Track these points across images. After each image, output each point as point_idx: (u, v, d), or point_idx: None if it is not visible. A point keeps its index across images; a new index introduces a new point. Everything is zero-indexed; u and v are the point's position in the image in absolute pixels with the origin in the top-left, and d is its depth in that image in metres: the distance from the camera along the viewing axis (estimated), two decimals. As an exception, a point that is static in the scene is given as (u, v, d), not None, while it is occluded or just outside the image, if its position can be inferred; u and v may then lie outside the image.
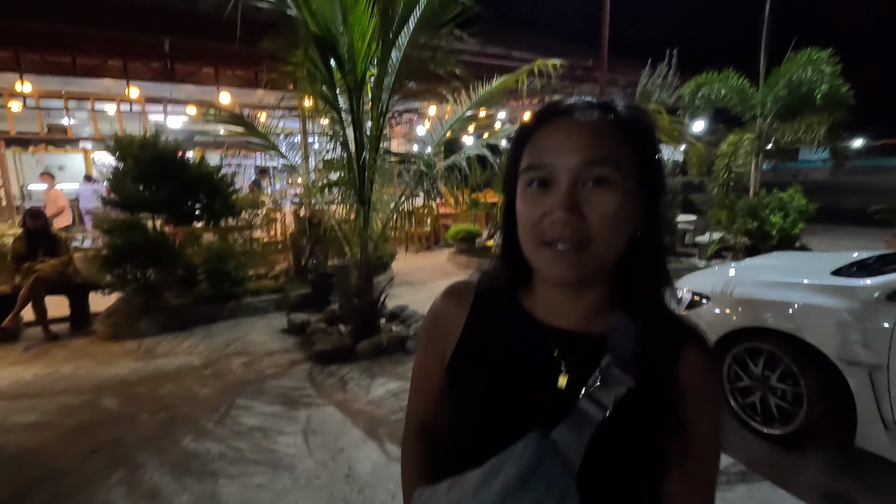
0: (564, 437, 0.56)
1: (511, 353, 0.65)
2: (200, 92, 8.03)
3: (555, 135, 0.58)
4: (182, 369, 3.81)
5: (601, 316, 0.62)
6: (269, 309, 5.31)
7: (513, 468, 0.54)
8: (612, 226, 0.55)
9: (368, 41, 3.62)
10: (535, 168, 0.58)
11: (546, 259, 0.58)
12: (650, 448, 0.59)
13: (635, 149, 0.58)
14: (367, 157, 3.93)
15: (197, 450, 2.69)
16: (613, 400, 0.57)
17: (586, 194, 0.56)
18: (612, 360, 0.58)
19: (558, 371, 0.62)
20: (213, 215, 5.26)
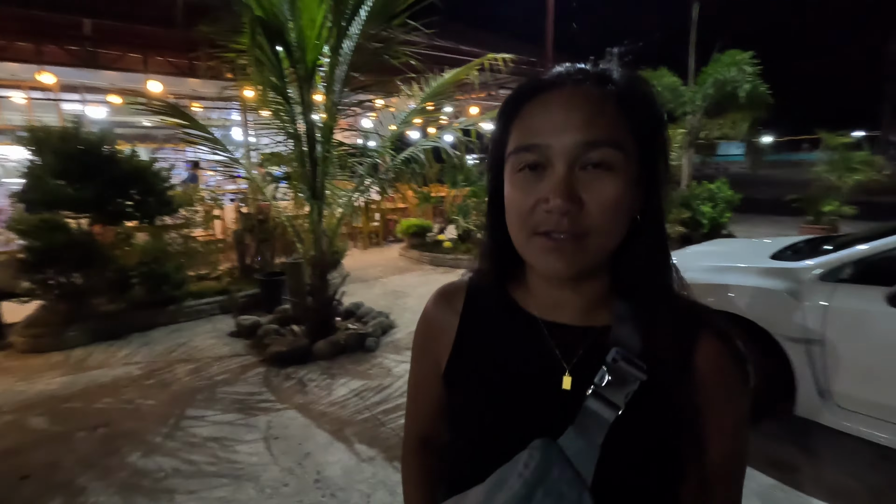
0: (573, 443, 0.51)
1: (509, 355, 0.60)
2: (126, 80, 7.38)
3: (548, 110, 0.51)
4: (120, 381, 3.51)
5: (603, 308, 0.57)
6: (214, 312, 5.01)
7: (517, 481, 0.49)
8: (612, 214, 0.50)
9: (319, 29, 3.47)
10: (526, 149, 0.52)
11: (540, 252, 0.51)
12: (669, 449, 0.54)
13: (638, 125, 0.51)
14: (319, 150, 3.79)
15: (147, 466, 2.49)
16: (625, 397, 0.51)
17: (585, 179, 0.49)
18: (618, 353, 0.53)
19: (561, 371, 0.56)
20: (148, 213, 4.86)
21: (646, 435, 0.53)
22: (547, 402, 0.56)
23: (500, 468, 0.52)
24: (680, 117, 7.88)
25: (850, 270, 2.29)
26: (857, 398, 2.23)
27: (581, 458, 0.50)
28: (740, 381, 0.55)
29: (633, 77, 0.54)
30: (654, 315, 0.55)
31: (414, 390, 0.74)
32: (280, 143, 4.03)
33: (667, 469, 0.54)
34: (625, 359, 0.52)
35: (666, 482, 0.55)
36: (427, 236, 8.22)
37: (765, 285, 2.52)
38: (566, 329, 0.58)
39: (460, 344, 0.64)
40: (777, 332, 2.44)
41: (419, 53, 3.98)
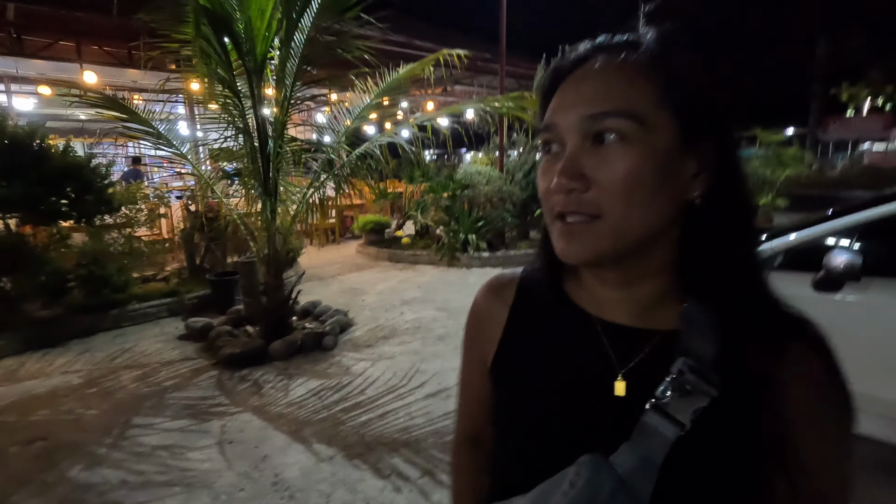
0: (628, 462, 0.44)
1: (558, 353, 0.55)
2: (57, 69, 6.88)
3: (564, 89, 0.48)
4: (59, 391, 3.30)
5: (667, 309, 0.50)
6: (162, 314, 4.78)
7: (562, 500, 0.44)
8: (627, 192, 0.44)
9: (269, 20, 3.37)
10: (544, 129, 0.50)
11: (556, 236, 0.48)
12: (742, 478, 0.46)
13: (669, 88, 0.45)
14: (271, 146, 3.68)
15: (91, 480, 2.36)
16: (692, 415, 0.44)
17: (593, 154, 0.45)
18: (686, 363, 0.46)
19: (615, 375, 0.51)
20: (85, 212, 4.57)
21: (714, 459, 0.46)
22: (597, 407, 0.51)
23: (543, 482, 0.47)
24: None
25: (782, 258, 2.46)
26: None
27: (636, 480, 0.44)
28: (839, 407, 0.47)
29: (671, 37, 0.47)
30: (734, 321, 0.47)
31: (462, 385, 0.70)
32: (229, 139, 3.88)
33: (739, 498, 0.47)
34: (693, 370, 0.45)
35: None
36: (385, 233, 8.16)
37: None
38: (623, 330, 0.52)
39: (508, 338, 0.60)
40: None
41: (374, 48, 3.94)
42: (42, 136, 4.21)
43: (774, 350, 0.47)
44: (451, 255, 6.61)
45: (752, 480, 0.47)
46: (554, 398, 0.54)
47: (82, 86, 5.46)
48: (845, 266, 2.06)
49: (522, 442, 0.55)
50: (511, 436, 0.57)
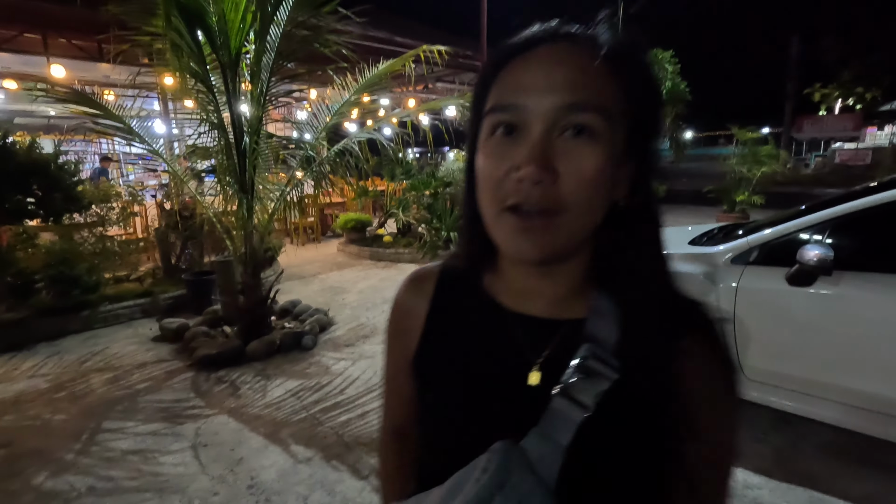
0: (537, 446, 0.46)
1: (475, 347, 0.56)
2: (22, 63, 6.63)
3: (530, 68, 0.45)
4: (25, 396, 3.18)
5: (579, 299, 0.52)
6: (136, 315, 4.66)
7: (473, 487, 0.44)
8: (590, 190, 0.44)
9: (243, 12, 3.29)
10: (501, 109, 0.46)
11: (508, 231, 0.46)
12: (643, 455, 0.49)
13: (629, 94, 0.46)
14: (247, 142, 3.60)
15: (56, 487, 2.27)
16: (595, 397, 0.46)
17: (563, 147, 0.44)
18: (589, 349, 0.48)
19: (528, 367, 0.52)
20: (53, 211, 4.42)
21: (617, 439, 0.49)
22: (513, 398, 0.52)
23: (458, 472, 0.48)
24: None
25: (757, 253, 2.49)
26: (764, 370, 2.44)
27: (545, 463, 0.46)
28: (727, 391, 0.51)
29: (629, 40, 0.48)
30: (635, 309, 0.49)
31: (386, 380, 0.70)
32: (204, 134, 3.79)
33: (639, 476, 0.50)
34: (596, 355, 0.48)
35: (637, 490, 0.50)
36: (367, 231, 8.09)
37: (683, 269, 2.69)
38: (537, 321, 0.53)
39: (428, 333, 0.60)
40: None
41: (353, 43, 3.89)
42: (5, 132, 4.05)
43: (672, 336, 0.49)
44: (433, 252, 6.58)
45: (655, 460, 0.49)
46: (471, 392, 0.54)
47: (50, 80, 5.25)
48: (818, 260, 2.09)
49: (442, 436, 0.56)
50: (431, 430, 0.58)
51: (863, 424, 2.17)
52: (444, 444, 0.55)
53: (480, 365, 0.55)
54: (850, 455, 2.34)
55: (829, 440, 2.43)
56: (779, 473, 2.24)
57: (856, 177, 14.15)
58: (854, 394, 2.19)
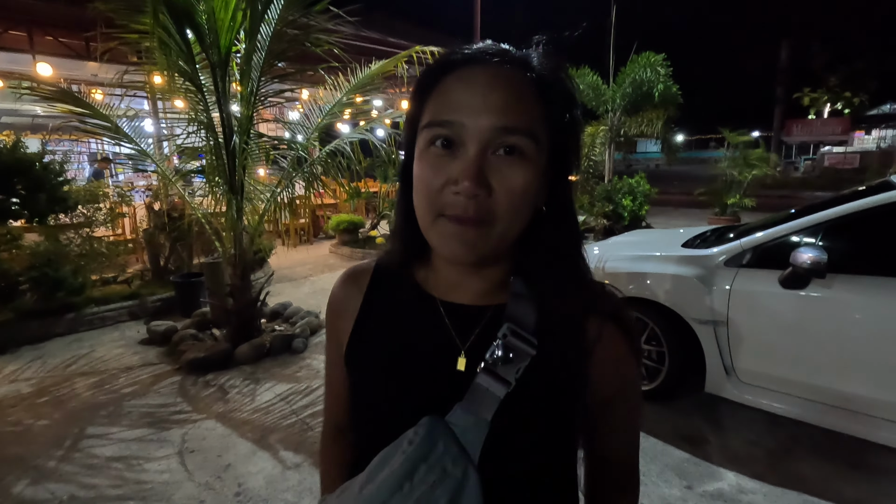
0: (461, 419, 0.50)
1: (406, 336, 0.59)
2: (8, 61, 6.50)
3: (467, 87, 0.49)
4: (5, 400, 3.10)
5: (502, 289, 0.57)
6: (123, 318, 4.57)
7: (399, 458, 0.48)
8: (519, 203, 0.49)
9: (233, 11, 3.24)
10: (439, 125, 0.49)
11: (444, 235, 0.50)
12: (560, 426, 0.54)
13: (554, 116, 0.51)
14: (237, 142, 3.55)
15: (36, 495, 2.20)
16: (516, 373, 0.51)
17: (496, 165, 0.48)
18: (509, 328, 0.52)
19: (457, 352, 0.56)
20: (37, 211, 4.33)
21: (536, 411, 0.53)
22: (442, 383, 0.55)
23: (385, 448, 0.51)
24: (602, 115, 8.29)
25: (750, 256, 2.49)
26: (757, 373, 2.44)
27: (469, 435, 0.50)
28: (632, 363, 0.58)
29: (556, 66, 0.52)
30: (550, 292, 0.54)
31: (327, 376, 0.71)
32: (192, 134, 3.73)
33: (558, 445, 0.55)
34: (514, 334, 0.52)
35: (557, 459, 0.56)
36: (359, 232, 8.04)
37: (676, 272, 2.68)
38: (463, 309, 0.57)
39: (360, 325, 0.63)
40: (688, 316, 2.60)
41: (345, 43, 3.85)
42: (-11, 131, 3.96)
43: (582, 317, 0.55)
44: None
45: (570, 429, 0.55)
46: (402, 379, 0.57)
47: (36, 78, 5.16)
48: (812, 263, 2.09)
49: (375, 423, 0.58)
50: (364, 420, 0.61)
51: (855, 427, 2.17)
52: (377, 429, 0.56)
53: (411, 352, 0.58)
54: (843, 458, 2.33)
55: (821, 443, 2.43)
56: (772, 477, 2.23)
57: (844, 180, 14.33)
58: (846, 397, 2.18)
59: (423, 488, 0.46)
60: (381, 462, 0.50)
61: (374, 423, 0.58)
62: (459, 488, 0.47)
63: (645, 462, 2.37)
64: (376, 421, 0.58)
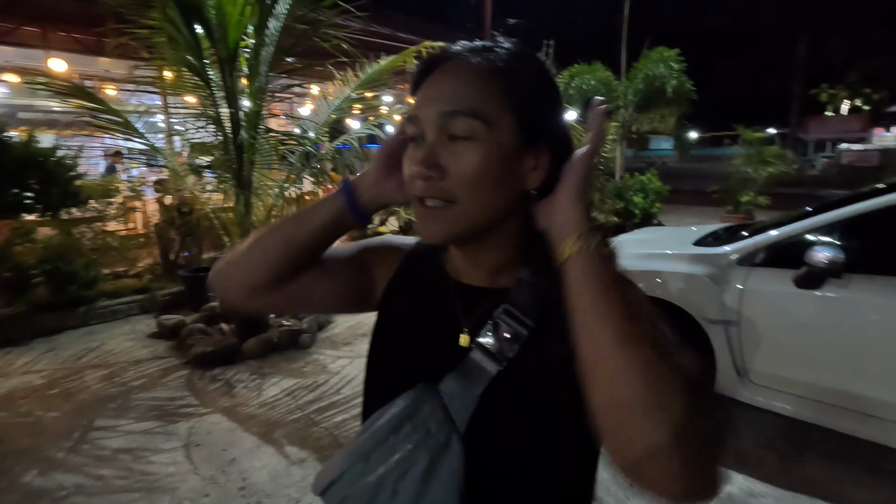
0: (451, 388, 0.53)
1: (421, 312, 0.64)
2: (22, 56, 6.59)
3: (426, 85, 0.54)
4: (17, 392, 3.15)
5: (509, 272, 0.59)
6: (133, 312, 4.62)
7: (388, 415, 0.52)
8: (475, 184, 0.51)
9: (241, 6, 3.23)
10: (409, 121, 0.54)
11: (417, 216, 0.54)
12: (548, 408, 0.53)
13: (516, 99, 0.51)
14: (245, 137, 3.55)
15: (45, 485, 2.23)
16: (509, 352, 0.53)
17: (450, 148, 0.51)
18: (505, 309, 0.55)
19: (461, 329, 0.59)
20: (50, 205, 4.39)
21: (528, 391, 0.54)
22: (444, 358, 0.57)
23: (379, 409, 0.54)
24: (613, 111, 8.18)
25: (763, 255, 2.43)
26: (769, 374, 2.38)
27: (457, 404, 0.53)
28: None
29: (518, 52, 0.55)
30: (549, 279, 0.54)
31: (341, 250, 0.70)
32: (202, 129, 3.74)
33: (551, 429, 0.53)
34: (510, 314, 0.55)
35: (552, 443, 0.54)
36: (368, 228, 8.04)
37: (688, 271, 2.62)
38: (472, 289, 0.60)
39: (384, 303, 0.67)
40: (699, 315, 2.55)
41: (355, 39, 3.82)
42: (2, 126, 4.02)
43: None
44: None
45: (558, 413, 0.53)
46: (411, 352, 0.62)
47: (50, 74, 5.22)
48: (828, 262, 2.03)
49: (383, 391, 0.59)
50: (375, 391, 0.63)
51: (870, 432, 2.11)
52: (385, 395, 0.58)
53: (423, 327, 0.62)
54: (857, 463, 2.28)
55: (835, 447, 2.37)
56: (783, 481, 2.18)
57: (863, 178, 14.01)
58: (862, 400, 2.12)
59: (406, 445, 0.50)
60: (373, 419, 0.54)
61: (383, 390, 0.60)
62: (440, 451, 0.50)
63: (652, 463, 2.33)
64: (385, 387, 0.60)
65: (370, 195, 0.62)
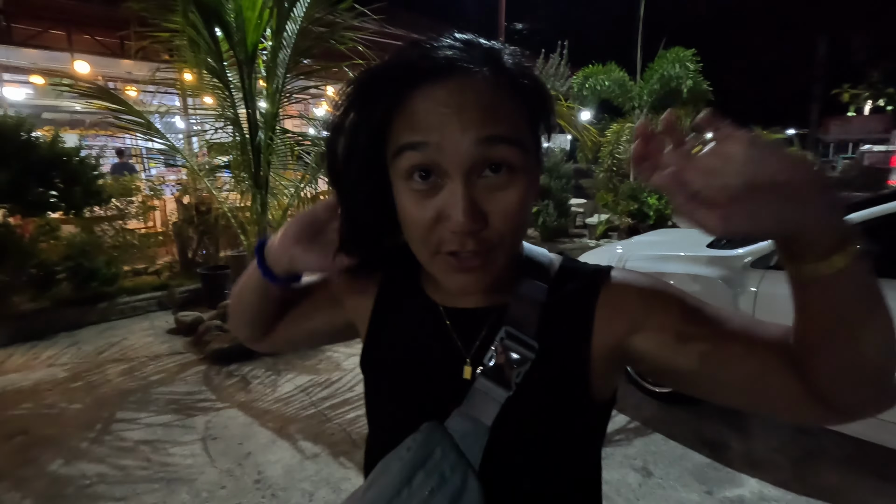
0: (460, 426, 0.49)
1: (413, 344, 0.58)
2: (48, 59, 6.78)
3: (437, 105, 0.43)
4: (42, 384, 3.25)
5: (503, 287, 0.54)
6: (152, 308, 4.74)
7: (397, 464, 0.48)
8: (518, 220, 0.46)
9: (260, 9, 3.30)
10: (411, 147, 0.43)
11: (446, 272, 0.47)
12: (562, 427, 0.51)
13: (534, 115, 0.47)
14: (262, 138, 3.62)
15: (70, 474, 2.31)
16: (516, 377, 0.49)
17: (486, 188, 0.44)
18: (507, 332, 0.51)
19: (462, 360, 0.53)
20: (74, 203, 4.51)
21: (539, 415, 0.50)
22: (448, 391, 0.53)
23: (387, 455, 0.51)
24: (628, 112, 8.14)
25: (777, 258, 2.41)
26: (782, 378, 2.36)
27: (468, 441, 0.48)
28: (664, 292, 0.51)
29: (525, 62, 0.48)
30: (551, 292, 0.53)
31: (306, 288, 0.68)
32: (220, 130, 3.82)
33: (565, 451, 0.52)
34: (512, 337, 0.50)
35: (566, 465, 0.53)
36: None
37: (701, 273, 2.62)
38: (467, 314, 0.55)
39: (374, 329, 0.61)
40: (711, 318, 2.53)
41: (369, 40, 3.87)
42: (29, 126, 4.14)
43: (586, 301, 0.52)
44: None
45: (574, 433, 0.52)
46: (410, 388, 0.56)
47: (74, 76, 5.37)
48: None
49: (385, 431, 0.57)
50: (376, 425, 0.61)
51: (885, 437, 2.08)
52: (388, 437, 0.55)
53: (418, 361, 0.56)
54: (871, 468, 2.25)
55: (849, 453, 2.35)
56: (797, 486, 2.17)
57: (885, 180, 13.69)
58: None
59: (421, 495, 0.46)
60: (382, 469, 0.50)
61: (385, 432, 0.58)
62: (458, 495, 0.46)
63: (663, 466, 2.34)
64: (387, 429, 0.58)
65: (281, 266, 0.58)
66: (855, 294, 0.38)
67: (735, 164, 0.32)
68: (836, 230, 0.36)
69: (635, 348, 0.50)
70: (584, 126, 7.71)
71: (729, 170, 0.32)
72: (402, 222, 0.48)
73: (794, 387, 0.44)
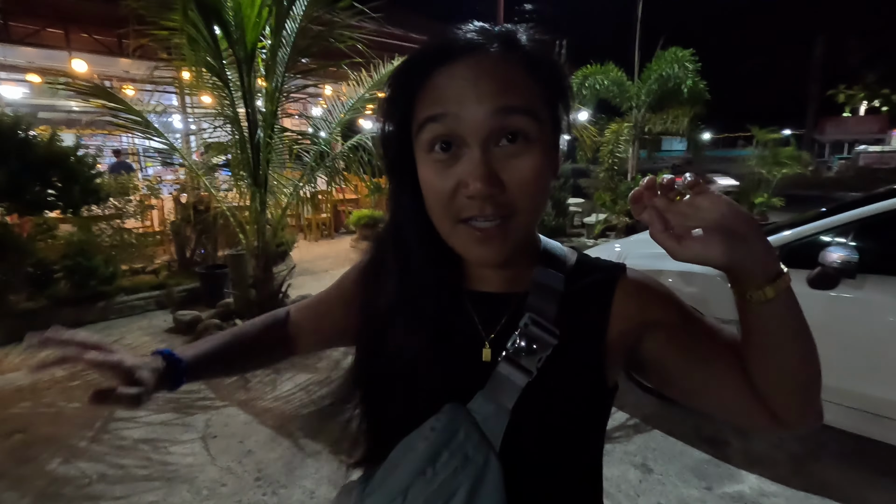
0: (482, 407, 0.51)
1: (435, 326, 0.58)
2: (45, 57, 6.76)
3: (457, 80, 0.47)
4: (41, 383, 3.23)
5: (524, 273, 0.57)
6: (150, 307, 4.72)
7: (422, 444, 0.50)
8: (535, 189, 0.48)
9: (259, 8, 3.30)
10: (433, 119, 0.47)
11: (467, 241, 0.49)
12: (584, 415, 0.54)
13: (549, 91, 0.50)
14: (261, 137, 3.62)
15: (69, 473, 2.30)
16: (537, 362, 0.51)
17: (503, 156, 0.47)
18: (530, 318, 0.53)
19: (482, 342, 0.56)
20: (71, 202, 4.49)
21: (558, 400, 0.53)
22: (468, 374, 0.54)
23: (409, 435, 0.52)
24: (626, 112, 8.15)
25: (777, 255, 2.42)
26: (781, 375, 2.37)
27: (490, 423, 0.50)
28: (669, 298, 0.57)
29: (541, 39, 0.51)
30: (570, 279, 0.56)
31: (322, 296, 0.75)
32: (219, 129, 3.82)
33: (581, 435, 0.55)
34: (536, 324, 0.52)
35: (580, 449, 0.56)
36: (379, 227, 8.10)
37: (700, 270, 2.62)
38: (490, 298, 0.57)
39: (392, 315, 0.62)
40: (711, 315, 2.53)
41: (369, 40, 3.88)
42: (27, 125, 4.13)
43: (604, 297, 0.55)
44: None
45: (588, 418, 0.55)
46: (430, 369, 0.56)
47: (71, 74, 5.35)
48: (842, 262, 2.03)
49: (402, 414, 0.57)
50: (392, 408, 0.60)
51: (884, 433, 2.10)
52: (404, 421, 0.55)
53: (440, 343, 0.57)
54: (870, 465, 2.26)
55: (848, 449, 2.36)
56: (796, 482, 2.18)
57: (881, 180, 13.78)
58: (876, 401, 2.11)
59: (445, 473, 0.48)
60: (404, 448, 0.52)
61: (402, 414, 0.57)
62: (481, 474, 0.48)
63: (663, 462, 2.34)
64: (405, 411, 0.57)
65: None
66: (783, 317, 0.47)
67: (702, 213, 0.42)
68: (769, 267, 0.45)
69: (642, 344, 0.55)
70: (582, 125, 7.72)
71: (697, 215, 0.42)
72: (425, 195, 0.51)
73: (746, 392, 0.51)
